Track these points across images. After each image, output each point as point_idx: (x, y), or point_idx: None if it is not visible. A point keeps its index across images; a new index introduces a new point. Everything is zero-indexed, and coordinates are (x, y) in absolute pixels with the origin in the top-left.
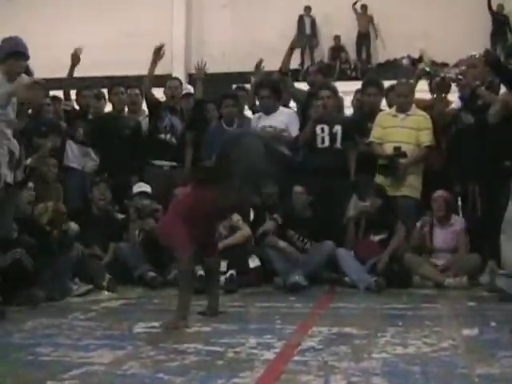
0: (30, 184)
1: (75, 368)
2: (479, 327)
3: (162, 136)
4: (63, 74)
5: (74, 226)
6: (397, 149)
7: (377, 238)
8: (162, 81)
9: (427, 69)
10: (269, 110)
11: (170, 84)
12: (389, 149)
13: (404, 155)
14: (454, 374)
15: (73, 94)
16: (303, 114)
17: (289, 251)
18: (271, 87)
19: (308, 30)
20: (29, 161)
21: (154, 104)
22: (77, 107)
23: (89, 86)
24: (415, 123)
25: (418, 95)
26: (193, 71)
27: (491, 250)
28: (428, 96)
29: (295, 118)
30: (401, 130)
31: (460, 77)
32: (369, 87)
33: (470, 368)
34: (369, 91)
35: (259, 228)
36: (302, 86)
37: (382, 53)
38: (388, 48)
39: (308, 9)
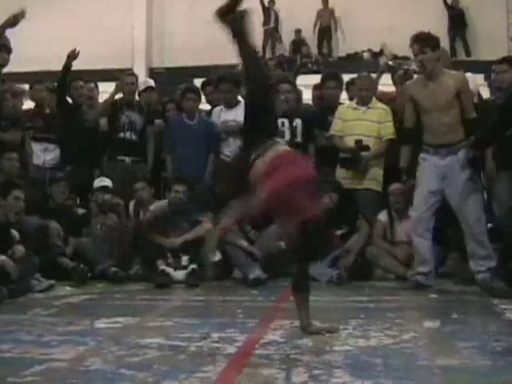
0: (19, 194)
1: (37, 364)
2: (440, 319)
3: (121, 134)
4: (24, 68)
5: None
6: (358, 142)
7: (338, 232)
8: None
9: (391, 63)
10: (230, 104)
11: (127, 80)
12: (350, 142)
13: (366, 148)
14: (416, 366)
15: None
16: None
17: (249, 250)
18: (232, 81)
19: (272, 23)
20: None
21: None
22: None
23: (40, 80)
24: (376, 116)
25: (381, 89)
26: (154, 65)
27: (453, 242)
28: (391, 89)
29: None
30: (362, 123)
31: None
32: (328, 81)
33: (431, 360)
34: (328, 85)
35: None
36: None
37: (343, 46)
38: (349, 42)
39: (272, 2)
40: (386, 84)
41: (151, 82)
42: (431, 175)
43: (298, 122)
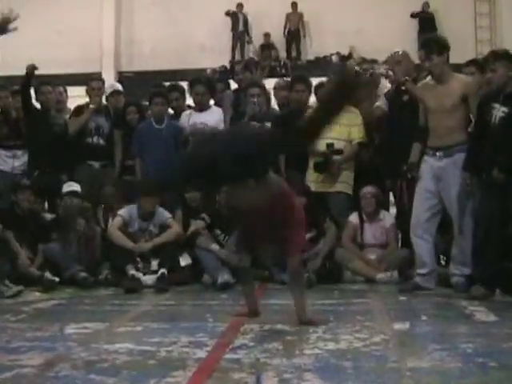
0: None
1: (6, 371)
2: (410, 321)
3: (89, 140)
4: None
5: None
6: (330, 145)
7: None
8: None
9: (357, 69)
10: (202, 107)
11: (93, 85)
12: (321, 145)
13: (340, 152)
14: (386, 368)
15: None
16: (234, 111)
17: (220, 254)
18: (206, 84)
19: (241, 27)
20: None
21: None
22: None
23: (3, 86)
24: (346, 119)
25: None
26: (123, 69)
27: None
28: None
29: (223, 117)
30: (333, 127)
31: (390, 72)
32: (297, 84)
33: (401, 362)
34: (297, 88)
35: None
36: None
37: (311, 50)
38: (318, 45)
39: (240, 6)
40: None
41: (118, 86)
42: (428, 176)
43: (267, 125)
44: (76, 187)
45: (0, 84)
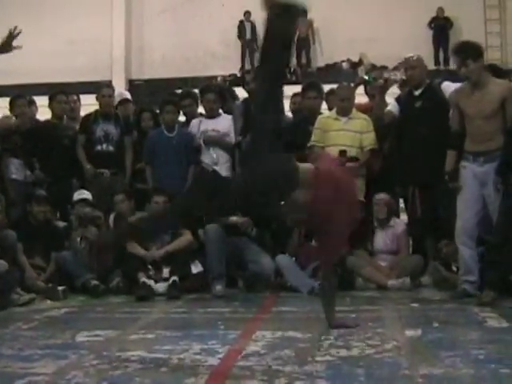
0: None
1: (18, 379)
2: (422, 328)
3: (98, 147)
4: (7, 81)
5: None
6: (342, 152)
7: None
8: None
9: (366, 77)
10: (212, 114)
11: (104, 93)
12: (334, 152)
13: (355, 159)
14: (398, 375)
15: None
16: (245, 119)
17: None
18: (217, 91)
19: (248, 35)
20: None
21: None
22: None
23: (21, 95)
24: (358, 126)
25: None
26: (134, 77)
27: (432, 252)
28: (364, 99)
29: (233, 125)
30: (345, 134)
31: (403, 77)
32: (309, 91)
33: (414, 369)
34: (309, 95)
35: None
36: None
37: (321, 57)
38: (328, 52)
39: (248, 13)
40: (358, 94)
41: (127, 94)
42: (472, 183)
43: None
44: (87, 195)
45: (18, 94)
